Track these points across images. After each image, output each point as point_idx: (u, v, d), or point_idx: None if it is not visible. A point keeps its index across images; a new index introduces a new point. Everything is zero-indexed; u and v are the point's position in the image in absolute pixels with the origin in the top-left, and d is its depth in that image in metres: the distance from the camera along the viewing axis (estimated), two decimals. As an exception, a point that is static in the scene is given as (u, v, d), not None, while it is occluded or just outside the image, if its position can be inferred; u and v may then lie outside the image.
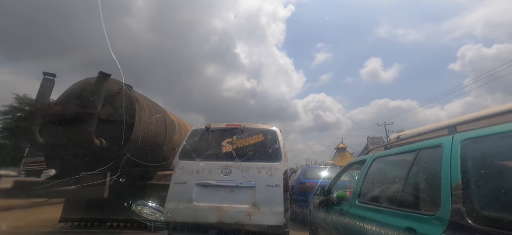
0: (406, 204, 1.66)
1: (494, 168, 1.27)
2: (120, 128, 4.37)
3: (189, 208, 3.20)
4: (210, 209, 3.18)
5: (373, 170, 2.37)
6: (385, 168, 2.28)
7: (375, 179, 2.32)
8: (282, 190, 3.29)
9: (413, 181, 1.73)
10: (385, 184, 2.13)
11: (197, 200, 3.26)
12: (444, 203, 1.32)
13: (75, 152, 4.07)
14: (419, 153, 1.77)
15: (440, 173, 1.44)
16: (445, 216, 1.29)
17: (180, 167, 3.50)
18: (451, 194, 1.30)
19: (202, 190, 3.32)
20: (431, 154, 1.67)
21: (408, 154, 1.92)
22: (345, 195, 2.67)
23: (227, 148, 3.62)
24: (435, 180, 1.47)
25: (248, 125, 3.90)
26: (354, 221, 2.16)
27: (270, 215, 3.16)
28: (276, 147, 3.62)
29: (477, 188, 1.23)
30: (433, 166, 1.57)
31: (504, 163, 1.26)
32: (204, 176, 3.38)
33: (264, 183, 3.32)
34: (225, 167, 3.43)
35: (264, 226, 3.14)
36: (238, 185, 3.33)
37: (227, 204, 3.22)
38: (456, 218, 1.23)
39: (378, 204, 1.97)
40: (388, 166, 2.26)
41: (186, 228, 3.01)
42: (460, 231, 1.19)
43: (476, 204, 1.19)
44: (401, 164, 2.00)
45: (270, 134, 3.77)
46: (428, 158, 1.68)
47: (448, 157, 1.45)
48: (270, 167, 3.41)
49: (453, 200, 1.28)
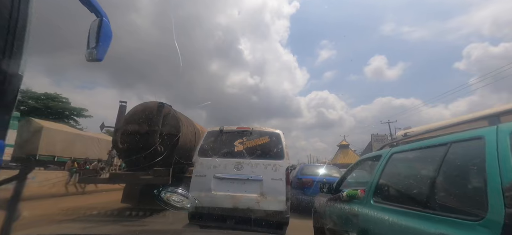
0: (438, 207, 1.41)
1: None
2: (172, 139, 6.23)
3: (209, 196, 3.86)
4: (226, 197, 3.85)
5: (391, 167, 2.12)
6: (406, 165, 2.03)
7: (394, 177, 2.07)
8: (284, 183, 3.91)
9: (445, 179, 1.48)
10: (408, 182, 1.87)
11: (215, 190, 3.91)
12: (494, 206, 1.07)
13: (145, 155, 5.81)
14: (451, 147, 1.51)
15: (484, 171, 1.19)
16: (496, 222, 1.05)
17: (200, 163, 4.16)
18: (503, 195, 1.05)
19: (219, 182, 3.98)
20: (468, 148, 1.42)
21: (435, 149, 1.66)
22: (357, 193, 2.42)
23: (239, 147, 4.26)
24: (478, 179, 1.23)
25: (256, 128, 4.55)
26: (370, 223, 1.92)
27: (275, 203, 3.81)
28: (280, 147, 4.22)
29: None
30: (473, 162, 1.32)
31: None
32: (220, 170, 4.04)
33: (269, 177, 3.94)
34: (238, 164, 4.07)
35: (270, 211, 3.81)
36: (249, 178, 3.97)
37: (240, 193, 3.89)
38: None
39: (400, 205, 1.71)
40: (409, 162, 2.00)
41: (206, 213, 3.80)
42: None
43: None
44: (426, 160, 1.75)
45: (274, 136, 4.38)
46: (465, 153, 1.43)
47: (493, 151, 1.20)
48: (275, 164, 4.03)
49: (507, 202, 1.03)
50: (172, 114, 6.45)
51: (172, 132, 6.25)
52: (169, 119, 6.31)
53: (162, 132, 5.99)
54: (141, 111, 6.30)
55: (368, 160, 2.83)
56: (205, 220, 3.87)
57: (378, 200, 2.02)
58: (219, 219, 3.80)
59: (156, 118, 5.98)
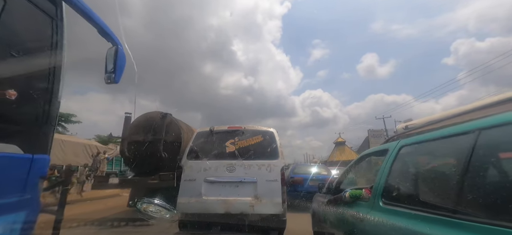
0: (468, 210, 1.11)
1: None
2: (174, 146, 6.44)
3: (200, 201, 3.61)
4: (218, 202, 3.59)
5: (401, 162, 1.81)
6: (421, 159, 1.72)
7: (406, 174, 1.75)
8: (280, 184, 3.67)
9: (474, 176, 1.18)
10: (426, 180, 1.57)
11: (206, 195, 3.65)
12: None
13: (150, 161, 6.19)
14: (480, 135, 1.21)
15: None
16: None
17: (189, 166, 3.88)
18: None
19: (210, 186, 3.72)
20: (505, 135, 1.12)
21: (458, 138, 1.36)
22: (361, 194, 2.12)
23: (230, 148, 4.01)
24: None
25: (248, 127, 4.28)
26: (381, 229, 1.62)
27: (270, 206, 3.55)
28: (274, 146, 3.99)
29: None
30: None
31: None
32: (211, 173, 3.77)
33: (264, 178, 3.69)
34: (229, 165, 3.82)
35: (265, 215, 3.56)
36: (242, 181, 3.72)
37: (233, 197, 3.63)
38: None
39: (420, 208, 1.40)
40: (424, 156, 1.70)
41: (196, 221, 3.58)
42: None
43: None
44: (446, 153, 1.45)
45: (268, 135, 4.14)
46: (501, 142, 1.14)
47: None
48: (269, 164, 3.79)
49: None
50: (174, 123, 6.84)
51: (174, 139, 6.61)
52: (171, 127, 6.68)
53: (165, 140, 6.35)
54: (145, 121, 6.74)
55: (372, 155, 2.52)
56: (195, 228, 3.69)
57: (389, 201, 1.71)
58: (211, 226, 3.62)
59: (160, 127, 6.39)
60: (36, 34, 1.50)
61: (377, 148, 2.49)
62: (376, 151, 2.43)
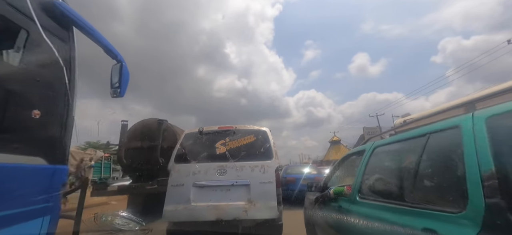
0: (420, 200, 1.37)
1: None
2: (171, 152, 6.55)
3: (188, 208, 3.34)
4: (208, 208, 3.33)
5: (374, 161, 2.08)
6: (388, 158, 2.00)
7: (377, 172, 2.02)
8: (275, 186, 3.46)
9: (425, 172, 1.45)
10: (390, 176, 1.84)
11: (195, 201, 3.39)
12: (474, 198, 1.04)
13: (147, 168, 6.25)
14: (430, 138, 1.48)
15: (462, 161, 1.16)
16: (476, 213, 1.01)
17: (177, 171, 3.63)
18: (482, 185, 1.02)
19: (199, 191, 3.46)
20: (445, 138, 1.39)
21: (415, 140, 1.63)
22: (343, 190, 2.38)
23: (221, 149, 3.77)
24: (457, 170, 1.19)
25: (240, 126, 4.04)
26: (357, 220, 1.87)
27: (265, 210, 3.33)
28: (267, 146, 3.79)
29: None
30: (451, 152, 1.30)
31: None
32: (201, 177, 3.53)
33: (257, 180, 3.48)
34: (220, 168, 3.58)
35: (260, 220, 3.35)
36: (234, 184, 3.49)
37: (225, 202, 3.38)
38: (494, 216, 0.95)
39: (385, 200, 1.67)
40: (391, 155, 1.97)
41: (185, 230, 3.37)
42: (502, 232, 0.91)
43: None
44: (407, 153, 1.72)
45: (261, 134, 3.93)
46: (443, 143, 1.41)
47: (470, 139, 1.17)
48: (263, 165, 3.58)
49: (486, 193, 0.99)
50: (170, 129, 6.93)
51: (170, 145, 6.62)
52: (167, 133, 6.76)
53: (162, 146, 6.38)
54: (142, 128, 6.85)
55: (353, 155, 2.79)
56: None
57: (363, 196, 1.98)
58: (201, 233, 3.40)
59: (157, 134, 6.43)
60: (53, 59, 1.68)
61: (356, 149, 2.76)
62: (356, 152, 2.70)
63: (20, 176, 1.45)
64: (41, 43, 1.59)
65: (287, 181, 8.63)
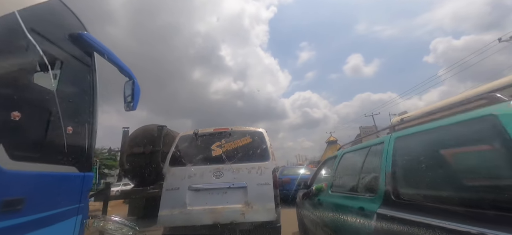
0: (360, 190, 2.16)
1: (412, 160, 1.76)
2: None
3: (184, 213, 3.28)
4: (204, 212, 3.28)
5: (341, 165, 2.87)
6: (349, 163, 2.80)
7: (342, 172, 2.83)
8: (272, 187, 3.44)
9: (365, 172, 2.23)
10: (348, 175, 2.64)
11: (191, 205, 3.34)
12: (381, 187, 1.81)
13: (150, 172, 6.53)
14: (370, 149, 2.27)
15: (380, 166, 1.93)
16: (381, 196, 1.78)
17: (172, 174, 3.57)
18: (385, 180, 1.79)
19: (195, 194, 3.42)
20: (376, 150, 2.17)
21: (363, 150, 2.42)
22: (322, 186, 3.16)
23: (217, 151, 3.73)
24: (378, 171, 1.96)
25: (235, 128, 4.00)
26: (328, 207, 2.66)
27: (263, 212, 3.30)
28: (264, 147, 3.77)
29: (400, 175, 1.73)
30: (377, 160, 2.07)
31: (418, 156, 1.74)
32: (196, 180, 3.48)
33: (255, 182, 3.46)
34: (216, 170, 3.54)
35: (258, 222, 3.29)
36: (230, 187, 3.45)
37: (221, 205, 3.34)
38: (388, 196, 1.72)
39: (344, 192, 2.47)
40: (350, 160, 2.77)
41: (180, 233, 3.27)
42: (389, 205, 1.69)
43: (399, 186, 1.68)
44: (358, 159, 2.50)
45: (257, 135, 3.91)
46: (375, 154, 2.18)
47: (386, 152, 1.94)
48: (260, 166, 3.57)
49: (386, 184, 1.76)
50: (170, 134, 7.21)
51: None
52: (168, 138, 6.96)
53: (163, 150, 6.53)
54: (143, 133, 7.16)
55: (330, 159, 3.58)
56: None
57: (334, 190, 2.77)
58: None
59: (157, 139, 6.71)
60: (81, 82, 2.00)
61: (333, 155, 3.54)
62: (332, 157, 3.49)
63: (61, 182, 1.78)
64: (72, 68, 1.92)
65: (282, 182, 9.22)
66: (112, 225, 1.64)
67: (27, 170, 1.58)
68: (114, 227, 1.65)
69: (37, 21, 1.70)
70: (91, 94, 2.12)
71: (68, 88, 1.93)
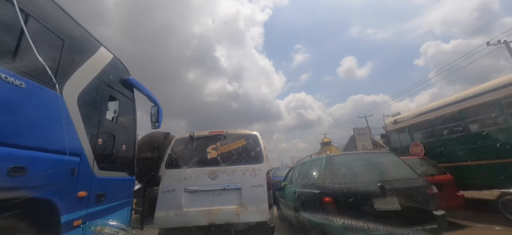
0: (297, 183, 3.94)
1: (334, 169, 3.48)
2: None
3: (180, 214, 3.36)
4: (200, 213, 3.37)
5: (297, 169, 4.70)
6: (298, 170, 4.80)
7: (295, 175, 4.80)
8: (266, 189, 3.58)
9: (304, 176, 4.02)
10: (296, 177, 4.51)
11: (187, 206, 3.43)
12: (298, 181, 3.55)
13: (155, 175, 8.45)
14: (314, 162, 3.99)
15: (320, 175, 3.65)
16: (297, 185, 3.53)
17: (167, 176, 3.65)
18: (316, 178, 3.52)
19: (191, 196, 3.50)
20: (317, 162, 3.93)
21: (306, 164, 4.18)
22: (287, 183, 4.92)
23: (212, 154, 3.82)
24: (316, 178, 3.68)
25: (230, 131, 4.09)
26: (286, 193, 4.67)
27: (257, 213, 3.41)
28: (258, 150, 3.90)
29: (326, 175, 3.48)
30: (317, 170, 3.78)
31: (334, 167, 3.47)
32: (192, 182, 3.57)
33: (249, 184, 3.59)
34: (212, 172, 3.64)
35: (252, 223, 3.39)
36: (225, 188, 3.56)
37: (217, 207, 3.43)
38: (303, 185, 3.46)
39: (292, 185, 4.42)
40: (298, 169, 4.67)
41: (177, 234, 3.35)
42: (303, 188, 3.44)
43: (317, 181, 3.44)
44: (300, 167, 4.31)
45: (251, 138, 4.03)
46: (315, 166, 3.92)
47: (322, 166, 3.67)
48: (254, 168, 3.70)
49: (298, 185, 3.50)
50: (172, 139, 9.04)
51: None
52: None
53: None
54: (150, 140, 8.20)
55: (296, 166, 5.39)
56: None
57: (290, 184, 4.68)
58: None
59: (164, 145, 7.75)
60: (129, 112, 3.06)
61: (297, 164, 5.33)
62: (296, 165, 5.32)
63: (121, 183, 2.68)
64: (124, 103, 2.97)
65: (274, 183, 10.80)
66: (109, 230, 1.55)
67: (106, 176, 2.61)
68: (111, 232, 1.56)
69: (108, 73, 2.87)
70: (134, 119, 3.26)
71: (123, 117, 3.04)
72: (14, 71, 1.82)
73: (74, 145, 2.32)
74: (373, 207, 2.69)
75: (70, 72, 2.41)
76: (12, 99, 1.80)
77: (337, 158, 3.84)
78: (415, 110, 6.93)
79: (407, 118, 7.02)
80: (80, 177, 2.35)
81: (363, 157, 3.90)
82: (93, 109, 2.62)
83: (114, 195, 2.71)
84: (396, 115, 7.71)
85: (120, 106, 3.11)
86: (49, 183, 2.03)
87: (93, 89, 2.64)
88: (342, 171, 3.40)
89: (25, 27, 1.92)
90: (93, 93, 2.64)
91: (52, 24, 2.26)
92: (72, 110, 2.35)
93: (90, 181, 2.46)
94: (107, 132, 2.78)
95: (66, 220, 2.17)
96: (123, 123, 3.10)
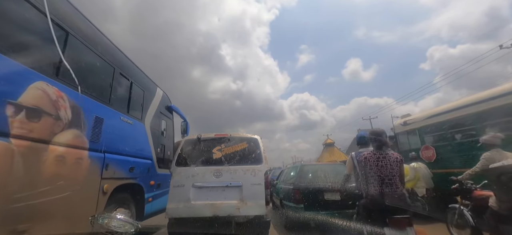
0: (282, 181, 5.62)
1: (304, 174, 5.17)
2: None
3: (188, 206, 3.80)
4: (206, 206, 3.80)
5: (283, 173, 6.39)
6: (285, 173, 6.37)
7: (283, 176, 6.36)
8: (264, 187, 3.96)
9: (285, 180, 5.69)
10: (283, 178, 6.13)
11: (194, 199, 3.85)
12: (284, 179, 5.25)
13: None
14: (295, 168, 5.68)
15: (295, 181, 5.35)
16: (281, 182, 5.24)
17: (178, 173, 4.05)
18: (294, 178, 5.23)
19: (198, 191, 3.92)
20: (293, 169, 5.57)
21: (291, 168, 5.84)
22: (278, 182, 6.65)
23: (217, 155, 4.22)
24: (293, 183, 5.38)
25: (234, 134, 4.53)
26: (277, 189, 6.34)
27: (255, 207, 3.82)
28: (258, 152, 4.28)
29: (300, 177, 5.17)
30: (292, 178, 5.46)
31: (304, 173, 5.15)
32: (199, 179, 3.97)
33: (249, 182, 3.96)
34: (216, 171, 4.03)
35: (250, 216, 3.80)
36: (228, 185, 3.95)
37: (220, 201, 3.84)
38: (285, 182, 5.16)
39: (280, 183, 6.01)
40: (285, 172, 6.26)
41: (185, 225, 3.74)
42: (285, 184, 5.15)
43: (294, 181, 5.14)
44: (289, 171, 5.93)
45: (252, 141, 4.42)
46: (293, 170, 5.57)
47: (297, 173, 5.35)
48: (254, 169, 4.09)
49: (282, 192, 5.20)
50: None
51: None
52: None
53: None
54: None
55: (284, 170, 7.06)
56: (184, 232, 3.70)
57: (280, 182, 6.33)
58: (199, 228, 3.81)
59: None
60: (170, 129, 5.20)
61: (285, 169, 7.03)
62: (283, 169, 6.99)
63: (166, 177, 4.23)
64: (168, 122, 5.14)
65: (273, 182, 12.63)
66: (116, 223, 1.60)
67: (161, 172, 4.48)
68: (117, 224, 1.60)
69: (161, 104, 4.78)
70: (173, 132, 5.32)
71: (167, 131, 5.01)
72: (127, 115, 3.65)
73: (149, 153, 4.19)
74: (324, 198, 4.44)
75: (146, 109, 4.29)
76: (127, 130, 3.61)
77: (307, 167, 5.75)
78: (427, 111, 6.53)
79: (418, 120, 6.53)
80: (151, 172, 4.21)
81: (323, 167, 5.82)
82: (155, 130, 4.47)
83: (164, 184, 4.40)
84: (406, 117, 7.21)
85: (166, 124, 5.00)
86: (140, 175, 3.85)
87: (155, 117, 4.52)
88: (308, 175, 5.29)
89: (130, 90, 3.81)
90: (155, 119, 4.52)
91: (140, 83, 4.19)
92: (148, 132, 4.22)
93: (156, 175, 4.33)
94: (161, 143, 4.62)
95: (146, 197, 4.04)
96: (167, 136, 4.95)
